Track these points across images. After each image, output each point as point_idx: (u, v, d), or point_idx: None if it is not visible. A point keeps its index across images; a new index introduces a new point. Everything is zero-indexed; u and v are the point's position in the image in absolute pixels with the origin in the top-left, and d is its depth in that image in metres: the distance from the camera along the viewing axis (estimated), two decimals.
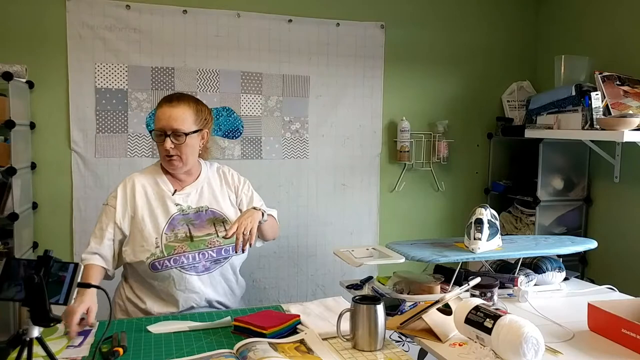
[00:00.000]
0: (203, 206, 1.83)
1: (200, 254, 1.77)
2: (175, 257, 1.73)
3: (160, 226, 1.76)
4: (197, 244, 1.77)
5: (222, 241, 1.79)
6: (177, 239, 1.75)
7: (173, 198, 1.80)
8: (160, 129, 1.74)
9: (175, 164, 1.77)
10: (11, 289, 1.16)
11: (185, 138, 1.74)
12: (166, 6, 2.71)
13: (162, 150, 1.76)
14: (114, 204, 1.78)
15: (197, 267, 1.76)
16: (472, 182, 3.29)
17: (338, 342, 1.46)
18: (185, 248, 1.75)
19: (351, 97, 3.02)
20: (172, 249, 1.74)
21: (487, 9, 3.24)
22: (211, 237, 1.79)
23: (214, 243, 1.79)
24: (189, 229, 1.78)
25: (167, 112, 1.75)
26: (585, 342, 1.53)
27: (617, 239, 2.77)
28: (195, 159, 1.85)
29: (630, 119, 2.29)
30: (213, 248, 1.78)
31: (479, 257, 1.91)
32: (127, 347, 1.41)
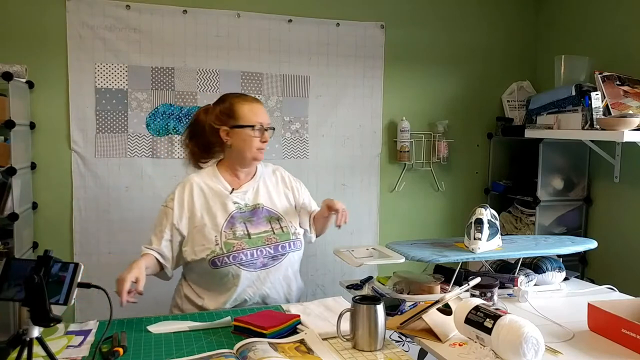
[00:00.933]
0: (259, 204, 1.89)
1: (258, 251, 1.81)
2: (234, 254, 1.78)
3: (220, 224, 1.81)
4: (255, 241, 1.82)
5: (279, 238, 1.85)
6: (236, 237, 1.80)
7: (231, 197, 1.86)
8: (260, 123, 1.84)
9: (262, 156, 1.88)
10: (11, 289, 1.16)
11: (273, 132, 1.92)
12: (166, 6, 2.71)
13: (255, 143, 1.84)
14: (172, 206, 1.83)
15: (255, 264, 1.80)
16: (472, 182, 3.29)
17: (338, 342, 1.46)
18: (244, 245, 1.79)
19: (351, 97, 3.02)
20: (231, 246, 1.78)
21: (487, 9, 3.24)
22: (268, 234, 1.85)
23: (271, 240, 1.84)
24: (247, 227, 1.83)
25: (259, 108, 1.87)
26: (585, 342, 1.53)
27: (617, 239, 2.77)
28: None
29: (630, 119, 2.29)
30: (270, 245, 1.83)
31: (479, 257, 1.91)
32: (127, 347, 1.41)
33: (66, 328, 1.54)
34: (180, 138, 1.96)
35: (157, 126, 2.74)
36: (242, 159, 1.87)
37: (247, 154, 1.85)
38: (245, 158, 1.86)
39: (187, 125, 2.01)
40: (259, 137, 1.84)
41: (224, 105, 1.87)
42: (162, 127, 2.74)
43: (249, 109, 1.85)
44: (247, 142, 1.83)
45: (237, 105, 1.86)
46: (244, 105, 1.86)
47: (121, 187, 2.71)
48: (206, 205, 1.84)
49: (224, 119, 1.85)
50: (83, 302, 2.59)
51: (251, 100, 1.89)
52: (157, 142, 2.74)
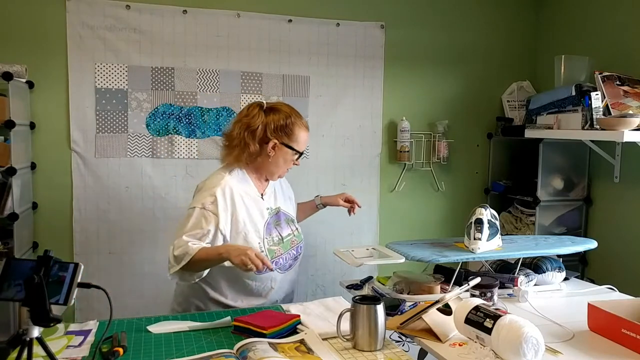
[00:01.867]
0: (279, 207, 1.98)
1: (288, 254, 1.92)
2: (276, 259, 1.86)
3: (260, 231, 1.86)
4: (285, 245, 1.92)
5: (297, 239, 1.98)
6: (274, 242, 1.88)
7: (263, 202, 1.92)
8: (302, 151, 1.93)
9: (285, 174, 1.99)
10: (11, 289, 1.16)
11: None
12: (166, 6, 2.71)
13: (289, 164, 1.93)
14: (216, 211, 1.78)
15: (285, 266, 1.92)
16: (472, 182, 3.29)
17: (338, 342, 1.46)
18: (281, 250, 1.89)
19: (351, 97, 3.02)
20: (274, 252, 1.86)
21: (487, 9, 3.24)
22: (291, 236, 1.96)
23: (294, 242, 1.96)
24: (278, 231, 1.92)
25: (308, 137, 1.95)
26: (585, 342, 1.53)
27: (617, 239, 2.77)
28: None
29: (630, 119, 2.29)
30: (294, 247, 1.95)
31: (479, 257, 1.91)
32: (127, 347, 1.41)
33: (66, 328, 1.54)
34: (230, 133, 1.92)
35: (157, 126, 2.74)
36: (273, 172, 1.93)
37: (279, 171, 1.93)
38: (274, 173, 1.93)
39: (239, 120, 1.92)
40: (295, 161, 1.93)
41: (286, 122, 1.88)
42: (162, 127, 2.74)
43: (304, 136, 1.92)
44: (287, 162, 1.91)
45: (298, 128, 1.89)
46: (302, 132, 1.91)
47: (121, 187, 2.71)
48: (247, 210, 1.84)
49: (280, 134, 1.87)
50: (83, 302, 2.59)
51: (307, 128, 1.95)
52: (157, 142, 2.74)
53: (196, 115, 2.78)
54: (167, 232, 2.78)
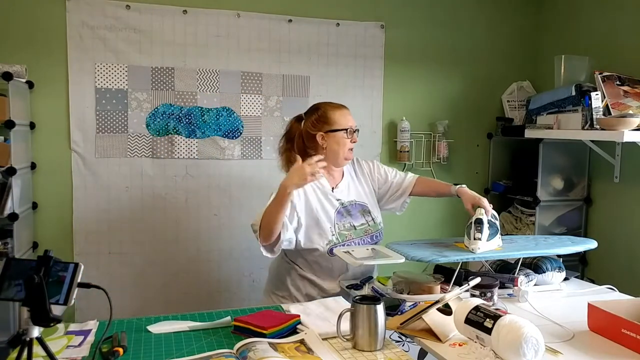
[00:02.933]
0: (353, 200, 2.15)
1: (361, 240, 2.10)
2: (347, 243, 2.06)
3: (332, 217, 2.07)
4: (359, 232, 2.11)
5: (372, 229, 2.14)
6: (346, 228, 2.09)
7: (333, 194, 2.11)
8: (350, 126, 2.09)
9: (352, 155, 2.14)
10: (11, 289, 1.16)
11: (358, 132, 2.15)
12: (166, 6, 2.71)
13: (347, 145, 2.08)
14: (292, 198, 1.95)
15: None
16: (472, 182, 3.29)
17: (338, 342, 1.46)
18: (353, 235, 2.09)
19: (351, 97, 3.02)
20: (345, 236, 2.07)
21: (487, 9, 3.24)
22: (365, 226, 2.13)
23: (368, 231, 2.13)
24: (350, 220, 2.11)
25: (348, 113, 2.12)
26: (585, 342, 1.53)
27: (617, 239, 2.77)
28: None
29: (630, 119, 2.29)
30: (368, 235, 2.13)
31: (479, 257, 1.91)
32: (127, 347, 1.41)
33: (66, 328, 1.54)
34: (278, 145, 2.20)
35: (157, 126, 2.74)
36: (336, 159, 2.10)
37: (340, 155, 2.09)
38: (339, 158, 2.10)
39: (282, 135, 2.19)
40: (349, 138, 2.08)
41: (318, 113, 2.10)
42: (162, 127, 2.74)
43: (340, 115, 2.09)
44: (341, 144, 2.08)
45: (330, 112, 2.09)
46: (336, 112, 2.10)
47: (121, 187, 2.71)
48: (317, 199, 2.07)
49: (319, 125, 2.08)
50: (83, 302, 2.59)
51: (340, 107, 2.13)
52: (157, 142, 2.74)
53: (196, 115, 2.78)
54: (167, 233, 2.79)
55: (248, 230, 2.89)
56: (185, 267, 2.81)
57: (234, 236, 2.88)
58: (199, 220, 2.82)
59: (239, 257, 2.89)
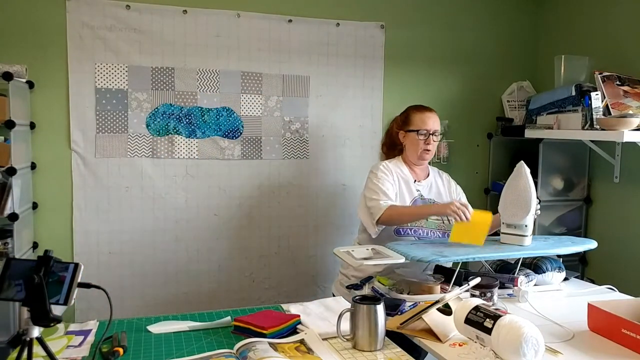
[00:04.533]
0: (432, 198, 2.34)
1: (431, 232, 2.28)
2: (415, 228, 2.26)
3: (407, 202, 2.29)
4: (430, 224, 2.28)
5: (447, 227, 2.27)
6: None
7: (414, 185, 2.34)
8: (425, 129, 2.31)
9: (427, 156, 2.33)
10: (11, 289, 1.16)
11: (440, 138, 2.38)
12: (166, 6, 2.71)
13: (422, 145, 2.31)
14: (387, 173, 2.30)
15: (426, 240, 2.23)
16: (472, 182, 3.29)
17: (338, 342, 1.46)
18: (423, 224, 2.27)
19: (351, 97, 3.02)
20: (416, 223, 2.25)
21: (487, 9, 3.24)
22: (439, 222, 2.30)
23: (441, 227, 2.29)
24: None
25: (429, 117, 2.34)
26: (585, 342, 1.53)
27: (617, 239, 2.77)
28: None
29: (630, 119, 2.29)
30: (440, 230, 2.29)
31: (478, 257, 1.91)
32: (127, 347, 1.41)
33: (66, 328, 1.54)
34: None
35: (157, 126, 2.74)
36: (412, 156, 2.35)
37: (414, 153, 2.33)
38: (414, 156, 2.34)
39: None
40: (422, 140, 2.29)
41: (404, 114, 2.42)
42: (162, 127, 2.74)
43: (419, 117, 2.34)
44: (414, 144, 2.32)
45: (412, 114, 2.37)
46: (417, 114, 2.36)
47: (121, 187, 2.71)
48: (400, 184, 2.30)
49: (401, 125, 2.40)
50: (83, 302, 2.59)
51: (424, 110, 2.37)
52: (157, 142, 2.74)
53: (196, 115, 2.78)
54: (167, 233, 2.79)
55: (248, 230, 2.91)
56: (185, 267, 2.81)
57: (234, 236, 2.88)
58: (199, 220, 2.82)
59: (239, 257, 2.89)
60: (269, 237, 2.94)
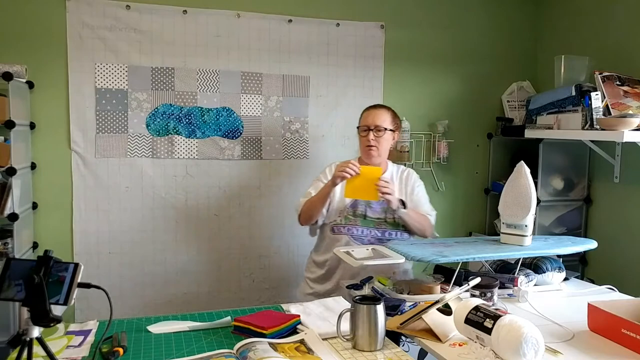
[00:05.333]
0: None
1: (367, 230, 2.27)
2: (348, 226, 2.27)
3: (347, 202, 2.29)
4: (368, 222, 2.28)
5: (388, 226, 2.28)
6: (355, 215, 2.29)
7: None
8: (365, 125, 2.32)
9: (373, 153, 2.30)
10: (11, 289, 1.16)
11: (384, 132, 2.29)
12: (166, 6, 2.71)
13: (364, 141, 2.31)
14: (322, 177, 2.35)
15: (363, 240, 2.26)
16: (472, 182, 3.29)
17: (338, 342, 1.46)
18: (358, 222, 2.28)
19: (351, 97, 3.02)
20: (349, 220, 2.28)
21: (487, 9, 3.24)
22: (380, 220, 2.28)
23: (381, 225, 2.27)
24: (366, 210, 2.29)
25: (372, 112, 2.34)
26: (585, 342, 1.53)
27: (617, 239, 2.77)
28: (386, 155, 2.38)
29: (630, 119, 2.29)
30: (379, 229, 2.27)
31: (479, 257, 1.91)
32: (127, 347, 1.41)
33: (66, 328, 1.54)
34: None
35: (157, 126, 2.74)
36: (362, 153, 2.36)
37: (362, 150, 2.35)
38: (362, 153, 2.35)
39: None
40: (364, 136, 2.31)
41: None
42: (162, 127, 2.74)
43: (364, 115, 2.38)
44: (361, 141, 2.35)
45: (364, 112, 2.39)
46: (363, 113, 2.39)
47: (121, 187, 2.71)
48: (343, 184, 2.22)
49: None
50: (83, 302, 2.59)
51: (370, 108, 2.39)
52: (157, 142, 2.74)
53: (196, 116, 2.78)
54: (167, 233, 2.79)
55: (248, 230, 2.91)
56: (186, 267, 2.82)
57: (234, 236, 2.88)
58: (199, 220, 2.82)
59: (239, 257, 2.89)
60: (269, 237, 2.93)
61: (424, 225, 2.29)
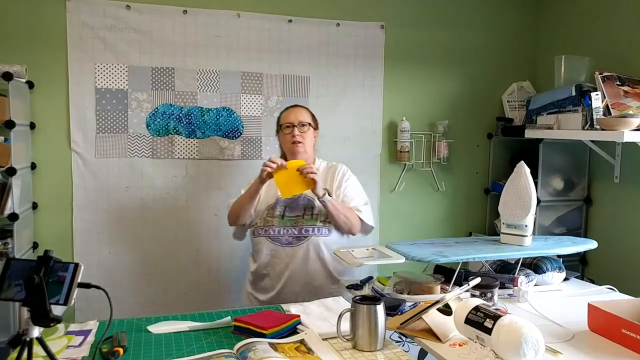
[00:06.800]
0: (303, 193, 2.22)
1: (284, 230, 2.21)
2: (266, 227, 2.22)
3: (268, 203, 2.26)
4: (285, 221, 2.22)
5: (305, 222, 2.22)
6: (273, 215, 2.24)
7: None
8: (289, 122, 2.32)
9: (299, 149, 2.28)
10: (11, 289, 1.16)
11: (308, 127, 2.32)
12: (166, 6, 2.71)
13: (289, 138, 2.30)
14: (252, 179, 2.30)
15: (280, 240, 2.21)
16: (472, 182, 3.29)
17: (338, 342, 1.46)
18: (275, 223, 2.22)
19: (351, 97, 3.02)
20: (267, 221, 2.24)
21: (487, 9, 3.24)
22: (298, 218, 2.23)
23: (298, 223, 2.22)
24: (285, 210, 2.24)
25: (293, 111, 2.37)
26: (585, 342, 1.53)
27: (617, 239, 2.77)
28: (312, 151, 2.37)
29: (630, 119, 2.29)
30: (296, 227, 2.21)
31: (479, 257, 1.91)
32: (127, 347, 1.41)
33: (66, 328, 1.54)
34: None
35: (157, 126, 2.74)
36: (288, 153, 2.34)
37: (287, 149, 2.33)
38: (288, 152, 2.33)
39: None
40: (289, 133, 2.30)
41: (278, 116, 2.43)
42: (162, 127, 2.74)
43: (283, 115, 2.38)
44: (284, 140, 2.34)
45: (282, 113, 2.40)
46: (281, 114, 2.40)
47: (121, 187, 2.71)
48: (268, 186, 2.22)
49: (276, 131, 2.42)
50: (83, 302, 2.58)
51: (288, 108, 2.41)
52: (157, 142, 2.74)
53: (196, 116, 2.78)
54: (167, 233, 2.79)
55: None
56: (185, 267, 2.81)
57: None
58: (199, 220, 2.82)
59: (239, 257, 2.89)
60: None
61: (350, 219, 2.22)
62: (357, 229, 2.26)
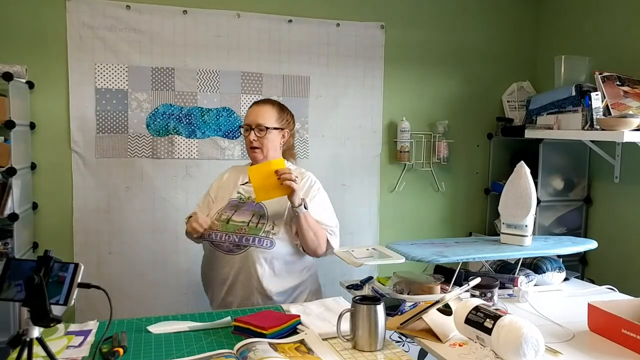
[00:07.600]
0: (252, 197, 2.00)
1: (226, 236, 1.97)
2: (209, 232, 1.98)
3: (219, 207, 2.05)
4: (229, 227, 1.98)
5: (248, 230, 1.96)
6: (219, 220, 2.00)
7: (238, 187, 2.08)
8: (247, 124, 2.05)
9: (257, 156, 2.03)
10: (11, 289, 1.16)
11: (266, 132, 2.00)
12: (166, 6, 2.71)
13: (247, 142, 2.05)
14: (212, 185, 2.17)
15: (221, 246, 1.98)
16: (472, 182, 3.29)
17: (338, 342, 1.46)
18: (218, 228, 1.99)
19: (351, 97, 3.02)
20: (213, 225, 1.99)
21: (487, 9, 3.24)
22: (243, 224, 1.97)
23: (240, 230, 1.96)
24: (232, 214, 2.01)
25: (255, 109, 2.06)
26: (585, 342, 1.53)
27: (617, 239, 2.77)
28: (277, 154, 2.06)
29: (630, 119, 2.29)
30: (237, 234, 1.96)
31: (479, 257, 1.91)
32: (127, 347, 1.41)
33: (66, 328, 1.54)
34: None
35: (157, 126, 2.74)
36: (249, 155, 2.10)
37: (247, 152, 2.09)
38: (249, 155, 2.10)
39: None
40: (247, 135, 2.04)
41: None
42: (162, 128, 2.74)
43: (249, 111, 2.08)
44: (245, 142, 2.07)
45: (249, 107, 2.10)
46: (249, 109, 2.09)
47: (121, 187, 2.71)
48: (222, 190, 2.10)
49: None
50: (83, 302, 2.59)
51: (254, 104, 2.10)
52: (157, 142, 2.74)
53: (196, 116, 2.78)
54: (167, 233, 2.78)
55: None
56: (185, 267, 2.81)
57: None
58: None
59: None
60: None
61: (319, 238, 1.96)
62: (322, 250, 1.99)
